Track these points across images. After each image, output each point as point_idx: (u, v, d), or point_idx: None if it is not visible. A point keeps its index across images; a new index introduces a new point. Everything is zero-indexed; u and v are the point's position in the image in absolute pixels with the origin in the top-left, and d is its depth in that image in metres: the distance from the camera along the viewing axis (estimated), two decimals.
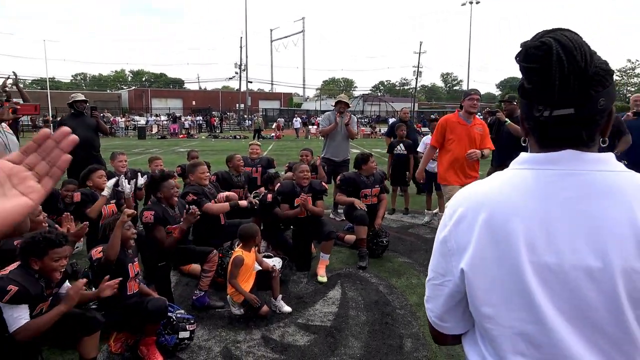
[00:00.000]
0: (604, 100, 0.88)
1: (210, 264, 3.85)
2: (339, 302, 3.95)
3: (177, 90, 70.59)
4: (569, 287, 0.85)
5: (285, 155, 16.33)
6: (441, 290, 1.04)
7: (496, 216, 0.91)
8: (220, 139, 30.46)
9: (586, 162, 0.90)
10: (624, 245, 0.82)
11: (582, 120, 0.89)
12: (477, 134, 4.72)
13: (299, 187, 4.70)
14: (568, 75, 0.85)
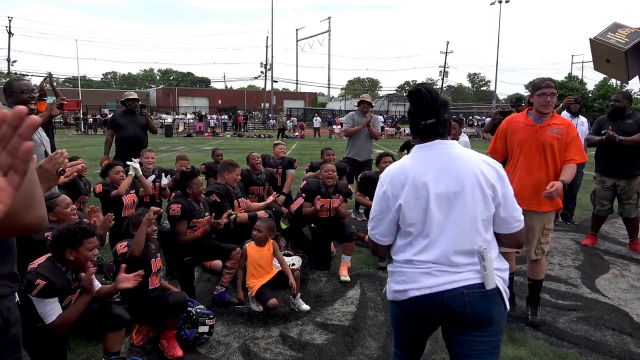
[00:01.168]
0: (446, 116, 1.90)
1: (233, 261, 3.91)
2: (358, 302, 3.95)
3: (204, 89, 71.69)
4: (447, 201, 1.80)
5: (308, 155, 16.38)
6: (383, 220, 1.92)
7: (415, 176, 1.84)
8: (244, 137, 30.77)
9: (445, 144, 1.88)
10: (471, 180, 1.79)
11: (439, 125, 1.88)
12: (553, 138, 3.29)
13: (324, 187, 4.71)
14: (428, 104, 1.87)
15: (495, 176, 1.81)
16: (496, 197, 1.80)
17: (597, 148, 5.46)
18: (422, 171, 1.83)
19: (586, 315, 3.70)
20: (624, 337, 3.35)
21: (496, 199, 1.81)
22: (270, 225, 3.95)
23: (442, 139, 1.88)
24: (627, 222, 5.46)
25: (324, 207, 4.63)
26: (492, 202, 1.80)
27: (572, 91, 40.41)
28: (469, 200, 1.77)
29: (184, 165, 5.85)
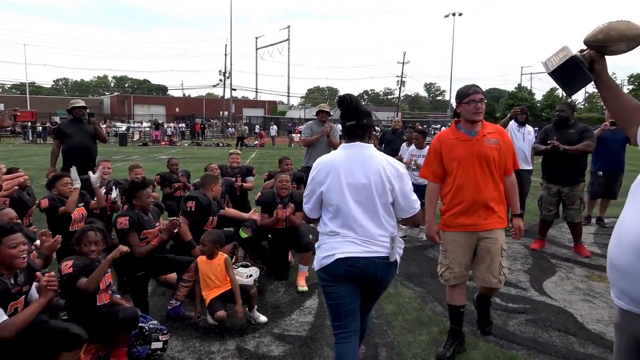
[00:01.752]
0: (366, 120, 2.43)
1: (190, 274, 3.83)
2: (316, 312, 3.95)
3: (161, 97, 70.19)
4: (357, 190, 2.34)
5: (267, 164, 16.30)
6: (311, 199, 2.50)
7: (336, 168, 2.37)
8: (203, 146, 30.29)
9: (362, 147, 2.40)
10: (374, 175, 2.33)
11: (358, 127, 2.42)
12: (492, 149, 3.03)
13: (279, 198, 4.70)
14: (350, 108, 2.42)
15: (394, 174, 2.38)
16: (394, 190, 2.38)
17: (544, 156, 5.72)
18: (341, 165, 2.39)
19: (534, 318, 3.85)
20: (569, 338, 3.50)
21: (394, 191, 2.39)
22: (215, 239, 3.79)
23: (361, 141, 2.44)
24: (572, 227, 5.75)
25: (281, 218, 4.63)
26: (390, 193, 2.38)
27: (522, 101, 42.21)
28: (373, 190, 2.35)
29: (139, 174, 5.69)
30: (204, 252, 3.77)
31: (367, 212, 2.36)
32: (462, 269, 3.15)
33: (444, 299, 4.20)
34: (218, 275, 3.72)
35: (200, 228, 4.31)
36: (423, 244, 6.12)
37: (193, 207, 4.28)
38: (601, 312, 3.97)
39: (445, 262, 3.18)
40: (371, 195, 2.35)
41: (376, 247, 2.35)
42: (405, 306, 4.07)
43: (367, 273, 2.34)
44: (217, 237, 3.83)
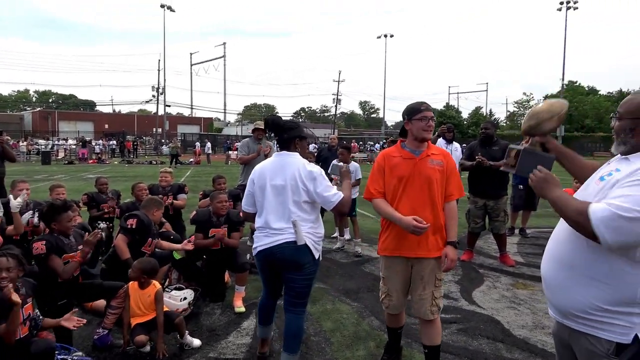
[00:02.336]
0: (286, 135, 3.03)
1: (119, 300, 3.63)
2: (253, 333, 3.87)
3: (88, 113, 66.79)
4: (277, 191, 2.94)
5: (203, 182, 15.95)
6: (248, 197, 3.11)
7: (265, 172, 3.00)
8: (134, 164, 29.10)
9: (287, 155, 3.00)
10: (291, 178, 2.89)
11: (285, 141, 3.05)
12: (435, 170, 2.91)
13: (215, 217, 4.60)
14: (273, 127, 3.09)
15: (308, 176, 2.90)
16: (308, 190, 2.89)
17: (470, 171, 6.04)
18: (269, 170, 3.00)
19: (465, 327, 4.01)
20: (497, 344, 3.67)
21: (309, 192, 2.90)
22: (145, 268, 3.60)
23: (287, 150, 3.04)
24: (497, 238, 6.09)
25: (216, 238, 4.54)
26: (306, 193, 2.89)
27: (450, 119, 44.43)
28: (288, 190, 2.90)
29: (60, 194, 5.35)
30: (131, 278, 3.61)
31: (281, 209, 2.92)
32: (400, 296, 3.02)
33: (380, 312, 4.28)
34: (146, 305, 3.57)
35: (139, 249, 4.13)
36: (360, 260, 6.22)
37: (134, 224, 4.13)
38: (525, 319, 4.21)
39: (384, 290, 3.09)
40: (287, 194, 2.90)
41: (283, 236, 2.88)
42: (343, 322, 4.09)
43: (276, 257, 2.92)
44: (147, 267, 3.64)
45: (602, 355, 1.65)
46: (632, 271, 1.59)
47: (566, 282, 1.73)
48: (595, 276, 1.65)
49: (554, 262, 1.81)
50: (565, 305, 1.75)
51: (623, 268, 1.60)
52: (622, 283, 1.60)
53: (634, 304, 1.59)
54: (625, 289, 1.60)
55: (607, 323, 1.63)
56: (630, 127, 1.71)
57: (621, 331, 1.61)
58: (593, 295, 1.65)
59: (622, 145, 1.74)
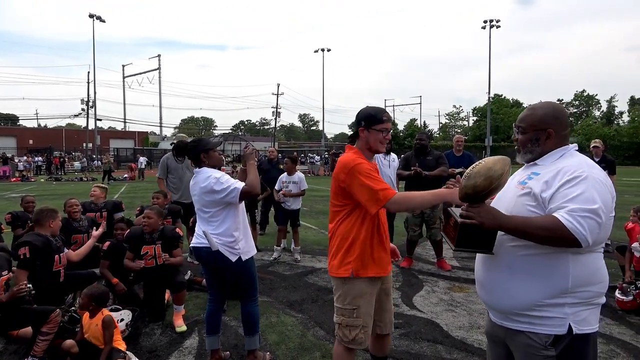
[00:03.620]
0: (194, 152, 3.35)
1: (51, 325, 3.43)
2: (196, 351, 3.77)
3: (10, 128, 62.22)
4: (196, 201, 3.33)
5: (139, 198, 15.36)
6: None
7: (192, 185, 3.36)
8: (63, 181, 27.48)
9: (197, 172, 3.33)
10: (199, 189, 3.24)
11: (193, 159, 3.37)
12: None
13: (147, 234, 4.44)
14: (179, 150, 3.45)
15: (208, 189, 3.17)
16: (214, 199, 3.18)
17: (406, 181, 6.27)
18: (193, 182, 3.33)
19: (407, 331, 4.13)
20: (437, 346, 3.82)
21: (215, 200, 3.18)
22: (94, 295, 3.43)
23: (198, 167, 3.34)
24: (434, 244, 6.35)
25: (149, 255, 4.38)
26: (212, 203, 3.19)
27: None
28: (199, 200, 3.26)
29: None
30: (82, 307, 3.42)
31: (201, 215, 3.31)
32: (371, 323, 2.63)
33: (325, 322, 4.32)
34: (96, 335, 3.39)
35: (50, 271, 3.92)
36: (303, 271, 6.24)
37: (27, 253, 3.78)
38: (462, 320, 4.40)
39: (357, 323, 2.53)
40: (200, 203, 3.27)
41: (204, 239, 3.22)
42: (287, 334, 4.08)
43: (201, 257, 3.33)
44: (96, 294, 3.46)
45: (540, 348, 1.75)
46: (564, 262, 1.71)
47: (506, 284, 1.82)
48: (533, 271, 1.75)
49: (490, 266, 1.89)
50: (507, 306, 1.83)
51: (558, 261, 1.72)
52: (556, 275, 1.71)
53: (566, 293, 1.70)
54: (559, 280, 1.71)
55: (545, 317, 1.73)
56: (535, 137, 1.88)
57: (557, 323, 1.72)
58: (533, 290, 1.75)
59: (529, 154, 1.91)
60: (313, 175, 33.35)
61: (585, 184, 1.66)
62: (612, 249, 6.42)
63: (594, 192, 1.64)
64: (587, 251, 1.71)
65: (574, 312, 1.71)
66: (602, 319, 4.42)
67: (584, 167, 1.72)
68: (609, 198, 1.69)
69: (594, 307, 1.76)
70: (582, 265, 1.72)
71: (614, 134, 49.42)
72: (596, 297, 1.75)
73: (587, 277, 1.72)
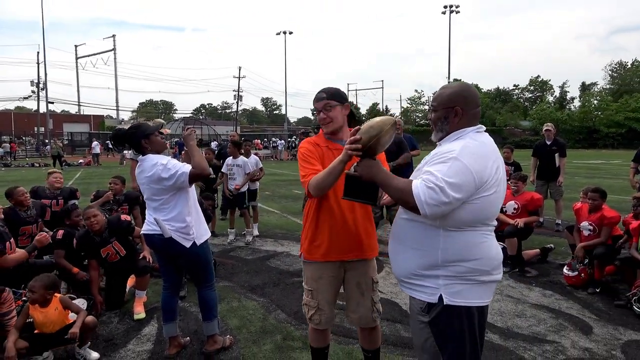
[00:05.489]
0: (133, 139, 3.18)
1: (7, 305, 3.45)
2: (155, 338, 3.71)
3: None
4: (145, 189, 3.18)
5: (95, 184, 14.86)
6: None
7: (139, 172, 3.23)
8: (13, 167, 26.22)
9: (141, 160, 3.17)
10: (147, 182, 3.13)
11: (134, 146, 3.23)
12: None
13: (97, 236, 4.26)
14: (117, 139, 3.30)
15: (160, 176, 3.02)
16: (163, 186, 3.05)
17: None
18: (139, 171, 3.16)
19: None
20: (396, 325, 3.90)
21: (164, 187, 3.05)
22: (47, 283, 3.34)
23: (141, 154, 3.20)
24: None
25: (111, 254, 4.28)
26: (161, 190, 3.08)
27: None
28: (149, 188, 3.12)
29: None
30: (35, 300, 3.27)
31: (150, 204, 3.19)
32: (332, 308, 2.63)
33: (287, 305, 4.34)
34: (56, 320, 3.30)
35: None
36: (265, 255, 6.22)
37: None
38: None
39: (312, 304, 2.59)
40: (149, 192, 3.15)
41: (155, 226, 3.14)
42: (249, 318, 4.07)
43: (153, 244, 3.25)
44: (49, 282, 3.34)
45: (417, 313, 1.93)
46: (436, 237, 1.82)
47: (396, 254, 2.00)
48: (412, 245, 1.90)
49: (392, 239, 2.06)
50: (396, 273, 2.02)
51: (430, 235, 1.83)
52: (429, 248, 1.83)
53: (438, 267, 1.82)
54: (430, 253, 1.83)
55: (420, 285, 1.87)
56: (444, 115, 1.91)
57: (430, 292, 1.85)
58: (411, 261, 1.90)
59: (440, 133, 1.95)
60: (276, 160, 33.17)
61: (449, 162, 1.72)
62: (563, 228, 6.73)
63: (451, 171, 1.70)
64: (461, 228, 1.79)
65: (446, 284, 1.82)
66: (552, 294, 4.65)
67: (458, 149, 1.75)
68: (470, 180, 1.71)
69: (472, 282, 1.82)
70: (453, 241, 1.80)
71: (566, 119, 51.34)
72: (471, 273, 1.81)
73: (459, 253, 1.80)
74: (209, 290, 3.39)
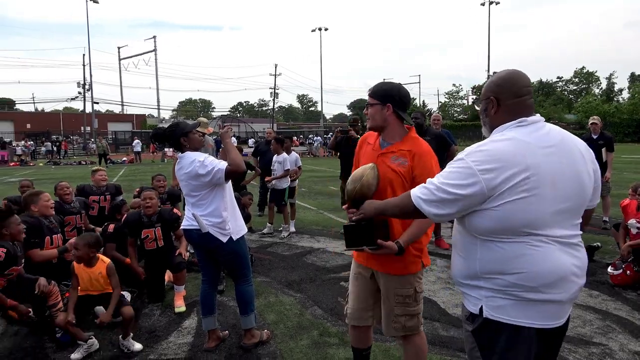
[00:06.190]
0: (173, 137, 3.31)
1: (54, 297, 3.62)
2: (195, 331, 3.80)
3: (6, 112, 61.88)
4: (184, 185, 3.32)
5: (138, 181, 15.36)
6: None
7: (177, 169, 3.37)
8: (62, 165, 27.45)
9: (181, 157, 3.29)
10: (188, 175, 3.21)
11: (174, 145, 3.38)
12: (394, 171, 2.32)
13: (145, 217, 4.43)
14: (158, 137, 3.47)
15: (197, 172, 3.12)
16: (201, 182, 3.15)
17: None
18: (178, 168, 3.29)
19: None
20: (434, 324, 3.85)
21: (201, 183, 3.16)
22: (90, 241, 3.50)
23: (180, 152, 3.32)
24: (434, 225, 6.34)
25: (149, 238, 4.39)
26: (199, 187, 3.18)
27: None
28: (186, 185, 3.24)
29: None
30: (79, 257, 3.44)
31: (189, 200, 3.31)
32: (357, 305, 2.58)
33: (323, 302, 4.36)
34: (100, 284, 3.52)
35: None
36: (302, 251, 6.26)
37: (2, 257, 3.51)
38: (459, 298, 4.42)
39: (347, 296, 2.67)
40: (188, 188, 3.25)
41: (193, 222, 3.25)
42: (286, 314, 4.11)
43: (192, 239, 3.36)
44: (92, 240, 3.53)
45: (464, 320, 1.81)
46: (473, 246, 1.69)
47: (452, 259, 1.90)
48: (459, 252, 1.80)
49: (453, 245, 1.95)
50: (453, 277, 1.90)
51: (469, 243, 1.71)
52: (470, 258, 1.71)
53: (478, 277, 1.68)
54: (471, 264, 1.70)
55: (466, 293, 1.77)
56: (484, 107, 1.77)
57: (473, 301, 1.71)
58: (457, 268, 1.80)
59: (485, 126, 1.81)
60: (312, 157, 33.30)
61: (454, 163, 1.63)
62: (610, 225, 6.44)
63: (451, 169, 1.62)
64: (497, 238, 1.61)
65: (487, 296, 1.66)
66: (598, 295, 4.46)
67: (472, 148, 1.64)
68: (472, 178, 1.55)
69: (515, 299, 1.60)
70: (490, 252, 1.64)
71: (613, 111, 49.04)
72: (513, 288, 1.60)
73: (497, 265, 1.62)
74: (246, 285, 3.47)
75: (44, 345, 3.58)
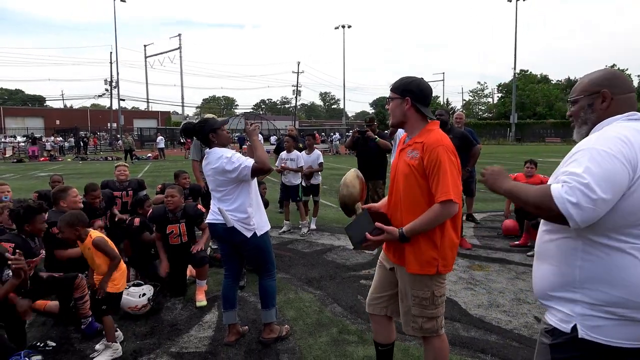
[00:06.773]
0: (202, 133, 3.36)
1: (80, 290, 3.67)
2: (215, 326, 3.85)
3: (37, 109, 63.72)
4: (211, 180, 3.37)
5: (162, 177, 15.61)
6: None
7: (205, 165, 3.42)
8: (89, 161, 28.10)
9: (208, 153, 3.37)
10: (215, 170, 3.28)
11: (203, 140, 3.41)
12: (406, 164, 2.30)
13: (170, 213, 4.51)
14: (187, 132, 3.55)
15: (224, 168, 3.18)
16: (228, 178, 3.21)
17: None
18: (206, 163, 3.35)
19: None
20: (454, 324, 3.80)
21: (228, 178, 3.21)
22: (70, 220, 3.32)
23: (208, 147, 3.39)
24: None
25: (174, 234, 4.45)
26: (226, 182, 3.23)
27: None
28: (213, 180, 3.30)
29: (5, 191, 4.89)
30: (66, 239, 3.43)
31: (215, 195, 3.36)
32: (376, 295, 2.62)
33: (343, 299, 4.35)
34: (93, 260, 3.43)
35: None
36: (322, 248, 6.27)
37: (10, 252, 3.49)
38: (481, 298, 4.37)
39: None
40: (214, 184, 3.31)
41: (219, 216, 3.29)
42: (305, 310, 4.13)
43: (217, 233, 3.39)
44: (71, 219, 3.34)
45: (541, 332, 1.67)
46: (574, 252, 1.55)
47: (534, 271, 1.74)
48: (549, 260, 1.65)
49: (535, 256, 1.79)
50: (534, 290, 1.74)
51: (568, 248, 1.57)
52: (566, 265, 1.56)
53: (575, 288, 1.53)
54: (568, 272, 1.56)
55: (554, 308, 1.61)
56: (588, 103, 1.69)
57: (563, 318, 1.56)
58: (545, 279, 1.65)
59: (584, 126, 1.70)
60: (334, 154, 33.27)
61: (587, 154, 1.46)
62: None
63: (592, 162, 1.42)
64: (604, 243, 1.48)
65: (585, 314, 1.51)
66: None
67: (594, 138, 1.52)
68: (618, 166, 1.41)
69: (618, 318, 1.47)
70: (595, 258, 1.50)
71: None
72: (616, 306, 1.46)
73: (601, 274, 1.48)
74: (270, 279, 3.51)
75: (70, 335, 3.68)
